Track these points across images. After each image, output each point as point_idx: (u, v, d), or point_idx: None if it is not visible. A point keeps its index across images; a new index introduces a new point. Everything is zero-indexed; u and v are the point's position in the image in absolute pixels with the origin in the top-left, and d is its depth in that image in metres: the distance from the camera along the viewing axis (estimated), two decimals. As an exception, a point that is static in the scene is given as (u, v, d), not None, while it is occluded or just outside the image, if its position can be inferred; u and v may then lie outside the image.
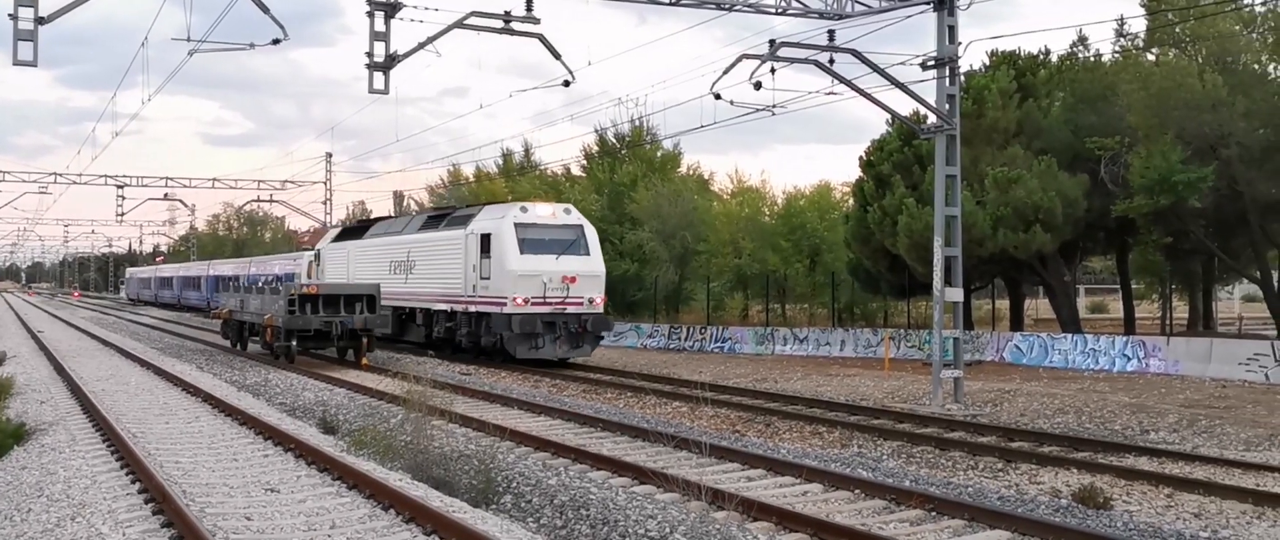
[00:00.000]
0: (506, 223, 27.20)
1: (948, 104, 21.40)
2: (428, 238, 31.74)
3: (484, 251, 27.47)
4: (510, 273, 26.56)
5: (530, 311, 26.52)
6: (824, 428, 16.41)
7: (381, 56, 18.94)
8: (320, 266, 40.07)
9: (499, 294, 26.77)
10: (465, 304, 28.47)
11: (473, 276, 27.94)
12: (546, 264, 26.84)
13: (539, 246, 27.14)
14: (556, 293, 26.82)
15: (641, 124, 49.97)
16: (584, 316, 27.23)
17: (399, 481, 10.77)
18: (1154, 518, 10.67)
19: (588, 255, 27.84)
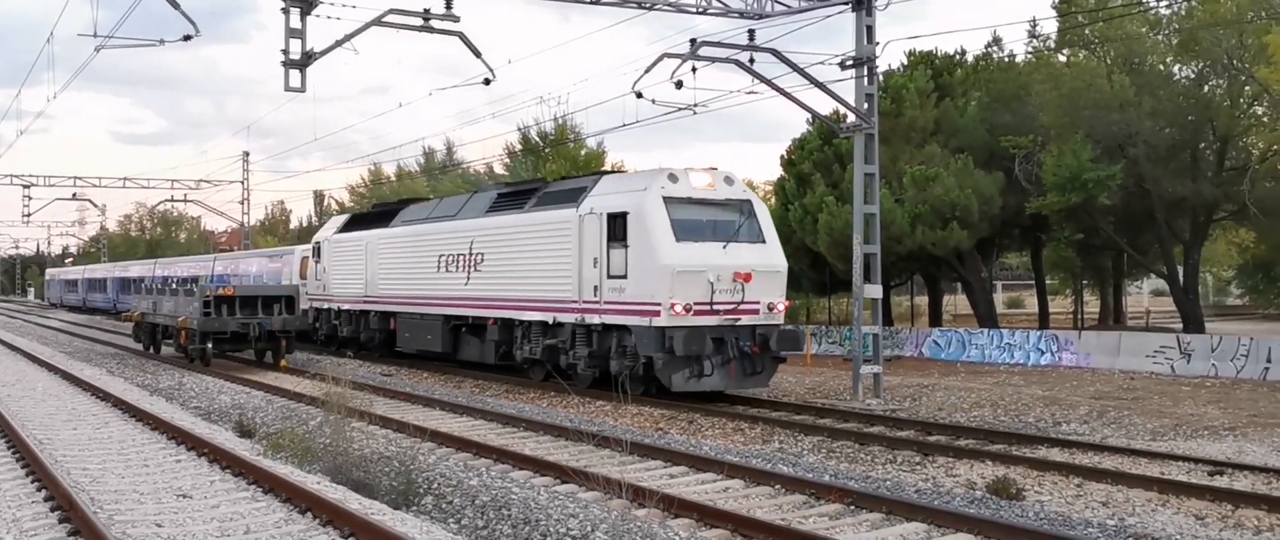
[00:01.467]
0: (652, 197, 19.13)
1: (866, 103, 21.69)
2: (507, 223, 23.32)
3: (615, 238, 19.51)
4: (665, 269, 18.45)
5: (695, 323, 18.40)
6: (746, 424, 16.52)
7: (298, 54, 18.62)
8: (320, 263, 32.52)
9: (645, 298, 18.76)
10: (581, 312, 20.25)
11: (592, 274, 19.93)
12: (712, 255, 18.93)
13: (699, 230, 19.26)
14: (727, 296, 18.89)
15: (565, 122, 49.85)
16: (764, 329, 19.13)
17: (317, 484, 10.61)
18: (1064, 507, 10.93)
19: (764, 243, 19.83)
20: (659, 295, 18.45)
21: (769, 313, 19.18)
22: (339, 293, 31.12)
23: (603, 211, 19.79)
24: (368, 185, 61.63)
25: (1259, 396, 19.59)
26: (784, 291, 19.87)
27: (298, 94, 19.37)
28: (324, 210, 74.62)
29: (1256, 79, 27.37)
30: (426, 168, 59.98)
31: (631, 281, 19.03)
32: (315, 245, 33.39)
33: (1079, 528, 9.91)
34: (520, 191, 24.30)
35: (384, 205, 33.58)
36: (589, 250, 19.95)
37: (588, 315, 20.01)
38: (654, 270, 18.60)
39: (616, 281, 19.36)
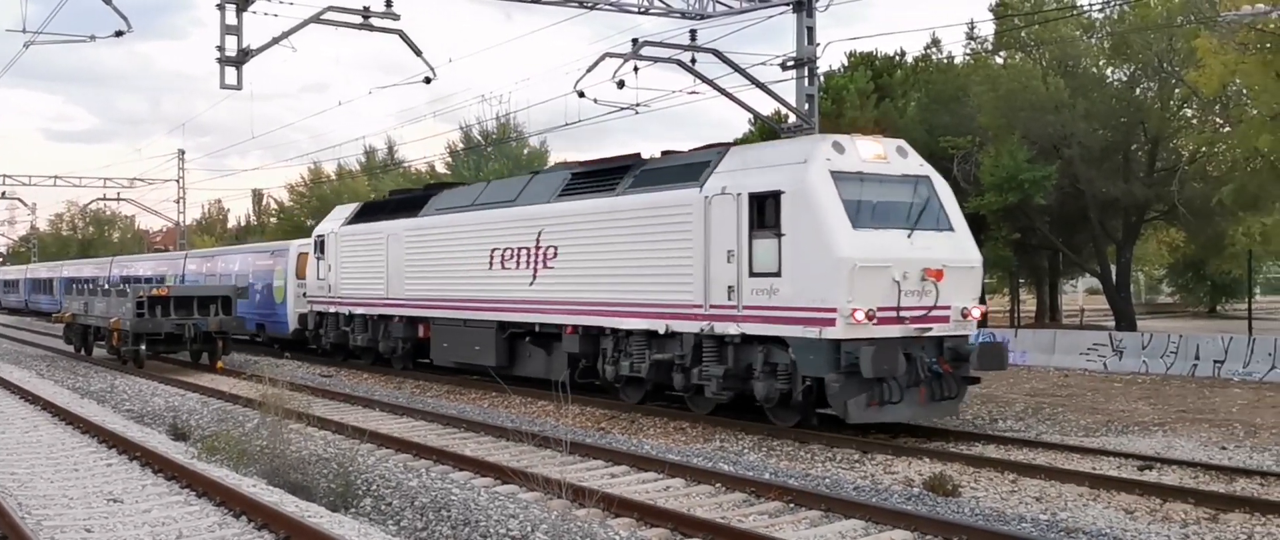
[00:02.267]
0: (816, 172, 14.74)
1: (807, 104, 21.89)
2: (591, 208, 18.64)
3: (761, 225, 15.14)
4: (841, 264, 14.16)
5: (884, 335, 14.30)
6: (687, 424, 16.57)
7: (234, 51, 18.41)
8: (324, 260, 27.86)
9: (810, 302, 14.41)
10: (708, 319, 15.89)
11: (725, 272, 15.57)
12: (896, 246, 14.78)
13: (878, 214, 15.00)
14: (915, 299, 14.66)
15: (507, 121, 49.69)
16: (954, 341, 15.15)
17: (253, 487, 10.46)
18: (999, 503, 11.10)
19: (952, 231, 15.64)
20: (833, 298, 14.12)
21: (961, 320, 15.13)
22: (350, 294, 26.68)
23: (741, 191, 15.37)
24: (308, 184, 60.84)
25: (1187, 393, 20.04)
26: (980, 293, 15.97)
27: (235, 92, 19.12)
28: (262, 209, 73.58)
29: (1186, 82, 28.02)
30: (367, 167, 59.38)
31: (788, 281, 14.70)
32: (318, 239, 28.36)
33: (1013, 523, 10.08)
34: (606, 170, 19.21)
35: (407, 192, 29.29)
36: (720, 241, 15.69)
37: (719, 323, 15.74)
38: (824, 266, 14.27)
39: (763, 281, 15.04)
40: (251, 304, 31.49)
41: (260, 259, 33.45)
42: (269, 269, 32.24)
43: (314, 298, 28.50)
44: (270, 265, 32.27)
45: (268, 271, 32.21)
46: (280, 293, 31.15)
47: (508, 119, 50.04)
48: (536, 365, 20.39)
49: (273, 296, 31.61)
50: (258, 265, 33.33)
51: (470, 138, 52.69)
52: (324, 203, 57.08)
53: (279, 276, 31.31)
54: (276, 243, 35.99)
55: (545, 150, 52.75)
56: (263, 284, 32.13)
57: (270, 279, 31.86)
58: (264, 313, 32.08)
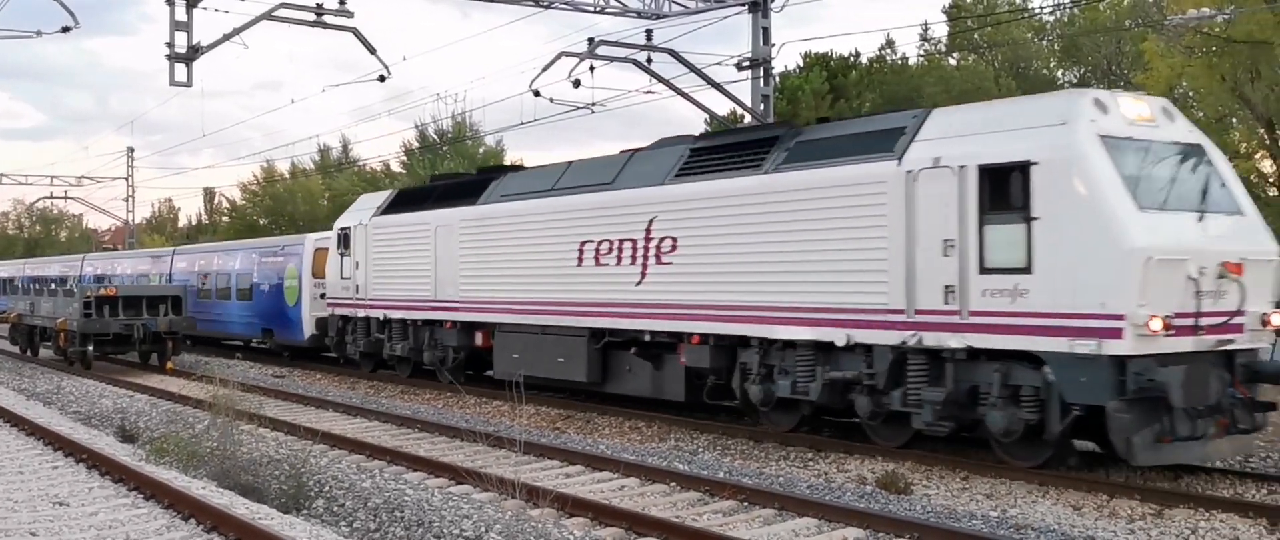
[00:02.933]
0: (1082, 136, 11.53)
1: (762, 104, 21.97)
2: (727, 190, 15.19)
3: (999, 205, 11.89)
4: (1132, 255, 10.99)
5: (1181, 349, 11.14)
6: (643, 423, 16.58)
7: (184, 47, 18.19)
8: (350, 256, 23.86)
9: (1083, 308, 11.16)
10: (915, 328, 12.64)
11: (941, 267, 12.35)
12: (1188, 233, 11.61)
13: (1161, 192, 11.80)
14: (1212, 303, 11.42)
15: (463, 120, 49.47)
16: (1248, 357, 11.92)
17: (202, 490, 10.33)
18: (950, 500, 11.22)
19: (1241, 213, 12.40)
20: (1118, 301, 10.89)
21: (1261, 329, 11.79)
22: (386, 295, 22.59)
23: (965, 163, 12.08)
24: (261, 183, 60.18)
25: None
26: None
27: (185, 89, 18.89)
28: (214, 208, 72.68)
29: (1134, 85, 28.46)
30: (322, 165, 58.84)
31: (1043, 279, 11.43)
32: (341, 233, 24.27)
33: (963, 520, 10.19)
34: (746, 142, 15.62)
35: (457, 176, 25.04)
36: (932, 227, 12.38)
37: (931, 334, 12.41)
38: (1105, 259, 11.05)
39: (1002, 279, 11.76)
40: (255, 306, 29.36)
41: (268, 256, 29.45)
42: (278, 267, 28.44)
43: (336, 300, 24.49)
44: (280, 263, 28.39)
45: (277, 270, 28.44)
46: (293, 294, 27.47)
47: (464, 118, 49.84)
48: (640, 382, 16.82)
49: (283, 298, 28.02)
50: (264, 263, 29.42)
51: (426, 136, 52.39)
52: (277, 202, 56.55)
53: (291, 275, 27.62)
54: (288, 238, 31.86)
55: (501, 149, 52.59)
56: (270, 284, 28.53)
57: (280, 278, 28.12)
58: (272, 316, 28.61)
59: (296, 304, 27.30)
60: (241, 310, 30.56)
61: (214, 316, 31.89)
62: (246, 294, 27.97)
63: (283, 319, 28.08)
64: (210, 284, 32.76)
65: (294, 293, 27.39)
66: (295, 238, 29.96)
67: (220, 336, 32.40)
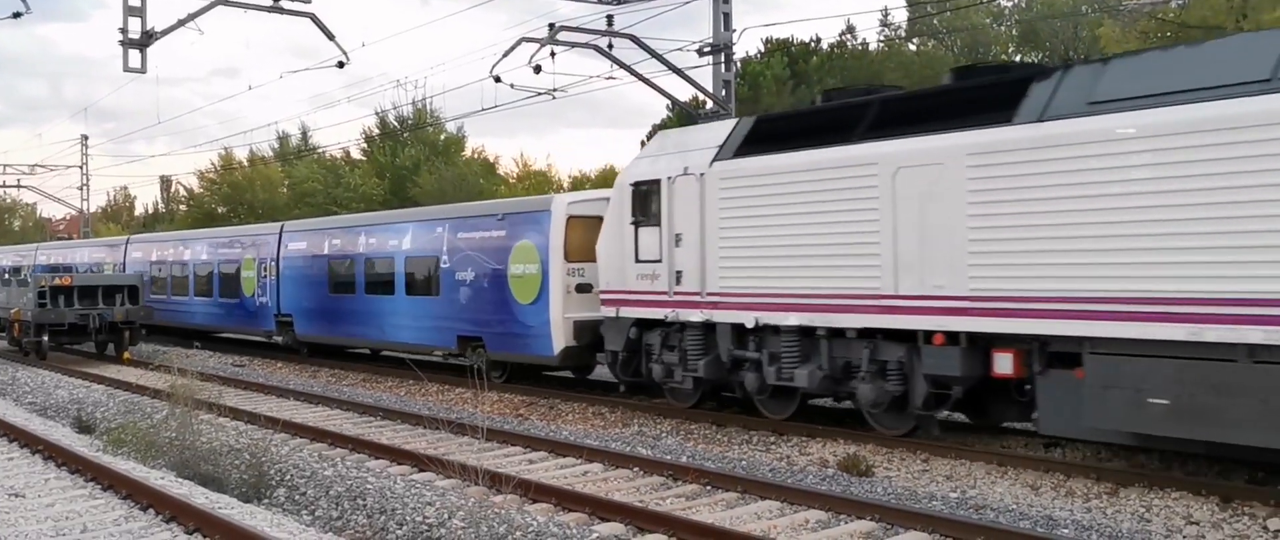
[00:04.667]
0: None
1: (724, 90, 22.01)
2: None
3: None
4: None
5: None
6: (606, 409, 16.59)
7: (137, 33, 17.93)
8: (659, 225, 15.53)
9: None
10: None
11: None
12: None
13: None
14: None
15: (424, 106, 49.17)
16: None
17: (160, 480, 10.25)
18: (910, 481, 11.33)
19: None
20: None
21: None
22: (755, 286, 14.22)
23: None
24: (219, 171, 59.51)
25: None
26: None
27: (139, 75, 18.64)
28: (171, 197, 71.81)
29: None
30: (281, 153, 58.26)
31: None
32: (639, 189, 15.80)
33: (923, 501, 10.30)
34: None
35: (929, 91, 15.02)
36: None
37: None
38: None
39: None
40: (448, 306, 19.89)
41: (472, 229, 19.78)
42: (496, 246, 18.99)
43: (623, 295, 16.02)
44: (500, 240, 18.94)
45: (494, 249, 19.01)
46: (528, 286, 18.13)
47: (424, 104, 49.52)
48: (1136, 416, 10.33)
49: (507, 292, 18.55)
50: (466, 240, 19.79)
51: (386, 123, 51.98)
52: (236, 190, 55.94)
53: (525, 258, 18.27)
54: (520, 200, 22.38)
55: (462, 135, 52.34)
56: (483, 271, 19.20)
57: (499, 264, 18.81)
58: (484, 319, 19.22)
59: (536, 301, 17.84)
60: (420, 312, 20.84)
61: (353, 318, 22.76)
62: (427, 286, 20.15)
63: (507, 324, 18.59)
64: (345, 271, 23.17)
65: (532, 285, 17.95)
66: (533, 200, 20.68)
67: (365, 346, 24.09)
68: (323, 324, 24.03)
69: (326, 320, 23.86)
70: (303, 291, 24.69)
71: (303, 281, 24.69)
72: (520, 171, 49.75)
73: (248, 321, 27.28)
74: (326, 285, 23.71)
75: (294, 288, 25.00)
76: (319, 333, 24.34)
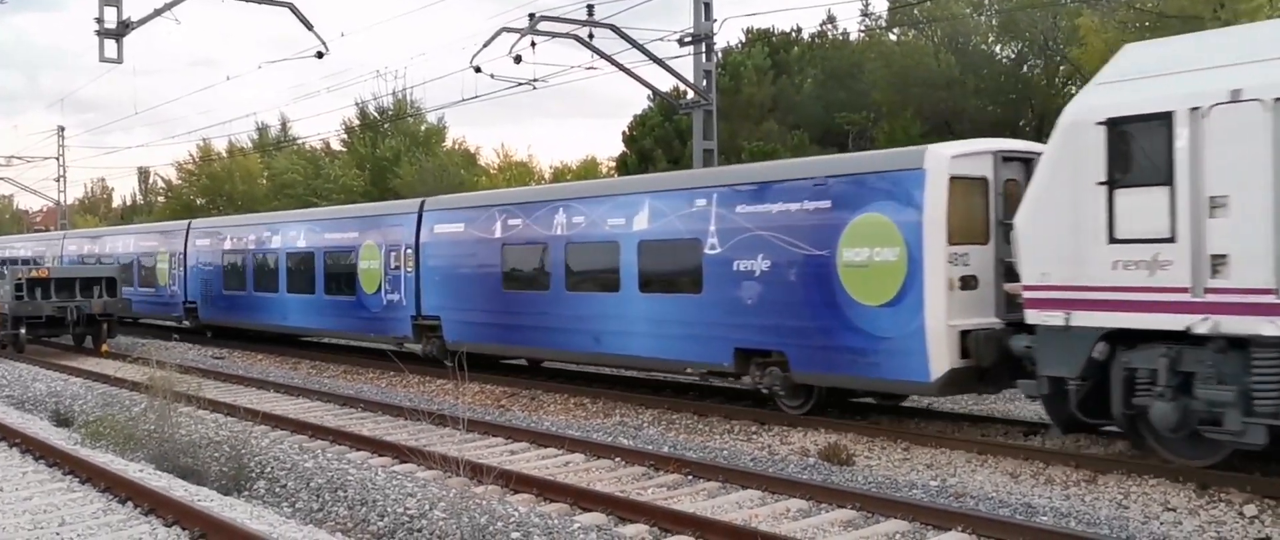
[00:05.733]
0: None
1: (705, 80, 21.98)
2: None
3: None
4: None
5: None
6: (588, 399, 16.59)
7: (113, 23, 17.77)
8: (1174, 183, 9.97)
9: None
10: None
11: None
12: None
13: None
14: None
15: (404, 97, 48.91)
16: None
17: (139, 472, 10.18)
18: (891, 470, 11.37)
19: None
20: None
21: None
22: None
23: None
24: (197, 162, 59.11)
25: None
26: None
27: (116, 66, 18.50)
28: (149, 188, 71.29)
29: (1069, 60, 28.85)
30: (260, 144, 57.90)
31: None
32: (1121, 128, 10.42)
33: (903, 489, 10.34)
34: None
35: None
36: None
37: None
38: None
39: None
40: (724, 302, 14.63)
41: (766, 196, 14.30)
42: (818, 222, 13.60)
43: (1074, 292, 10.89)
44: (824, 214, 13.54)
45: (812, 228, 13.63)
46: (878, 280, 12.92)
47: (404, 95, 49.24)
48: None
49: (836, 288, 13.32)
50: (757, 213, 14.34)
51: (366, 114, 51.69)
52: (215, 181, 55.58)
53: (873, 238, 13.03)
54: (859, 156, 15.15)
55: (443, 126, 52.09)
56: (779, 258, 13.96)
57: (823, 246, 13.49)
58: (794, 324, 13.81)
59: (895, 301, 12.69)
60: (667, 315, 15.43)
61: (545, 322, 17.51)
62: (680, 281, 15.14)
63: (832, 333, 13.32)
64: (531, 260, 17.97)
65: (881, 278, 12.82)
66: (890, 155, 14.05)
67: (566, 359, 18.63)
68: (491, 329, 18.56)
69: (497, 326, 18.38)
70: (457, 287, 19.28)
71: (456, 274, 19.33)
72: (501, 162, 49.59)
73: (368, 325, 21.70)
74: (498, 279, 18.26)
75: (443, 282, 19.66)
76: (485, 340, 18.63)
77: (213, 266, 27.54)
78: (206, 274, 27.61)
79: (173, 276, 29.08)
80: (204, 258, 28.23)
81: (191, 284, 28.17)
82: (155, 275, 29.89)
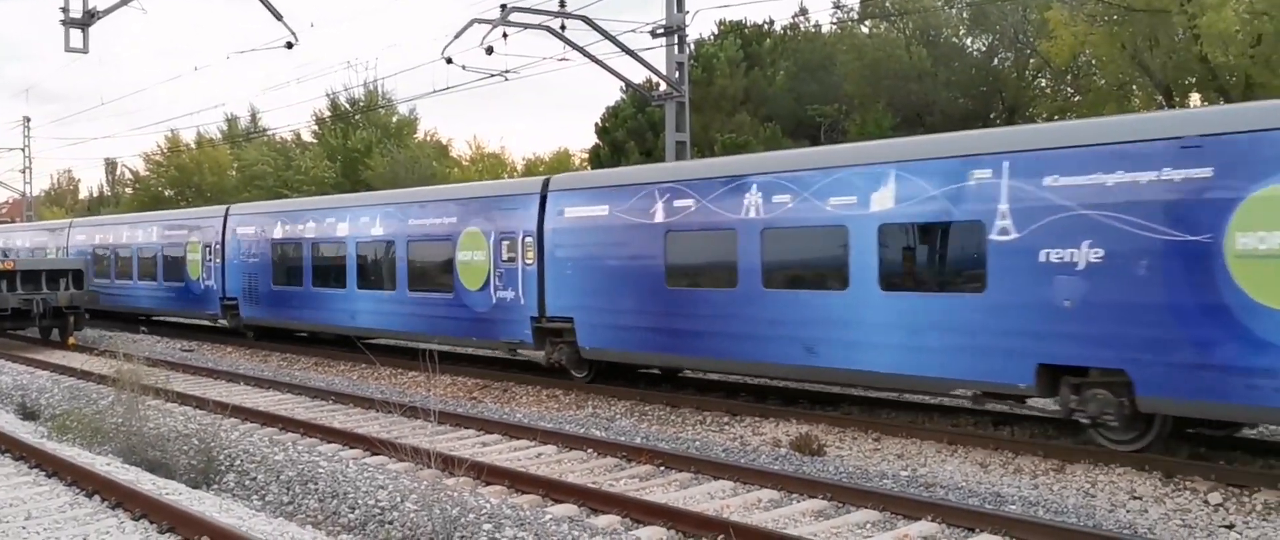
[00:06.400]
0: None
1: (677, 72, 21.96)
2: None
3: None
4: None
5: None
6: (560, 391, 16.57)
7: (79, 12, 17.55)
8: None
9: None
10: None
11: None
12: None
13: None
14: None
15: (375, 88, 48.65)
16: None
17: (107, 466, 10.09)
18: (862, 460, 11.43)
19: None
20: None
21: None
22: None
23: None
24: (165, 153, 58.56)
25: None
26: None
27: (82, 56, 18.29)
28: (117, 180, 70.60)
29: (1039, 53, 29.04)
30: (229, 135, 57.43)
31: None
32: None
33: (874, 479, 10.40)
34: None
35: None
36: None
37: None
38: None
39: None
40: (1026, 303, 11.34)
41: (1089, 164, 10.94)
42: (1184, 198, 10.26)
43: None
44: (1198, 185, 10.16)
45: (1171, 206, 10.31)
46: None
47: (376, 86, 48.99)
48: None
49: (1220, 286, 10.02)
50: (1077, 186, 10.99)
51: (337, 105, 51.37)
52: (183, 172, 55.12)
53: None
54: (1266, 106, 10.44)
55: (415, 117, 51.86)
56: (1120, 246, 10.67)
57: (1199, 230, 10.17)
58: (1148, 332, 10.49)
59: None
60: (933, 319, 12.15)
61: (725, 325, 14.40)
62: (959, 275, 12.10)
63: (1214, 347, 10.10)
64: (706, 250, 14.92)
65: None
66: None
67: (747, 372, 15.22)
68: (646, 335, 15.58)
69: (654, 330, 15.41)
70: (598, 282, 16.18)
71: (598, 267, 16.23)
72: (473, 154, 49.42)
73: (471, 327, 18.43)
74: (660, 274, 15.26)
75: (575, 276, 16.57)
76: (637, 348, 15.82)
77: (259, 258, 24.27)
78: (251, 267, 24.34)
79: (207, 269, 25.85)
80: (248, 248, 24.81)
81: (231, 278, 25.00)
82: (185, 268, 26.84)
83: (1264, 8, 20.10)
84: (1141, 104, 25.53)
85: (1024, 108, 32.34)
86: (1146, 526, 8.99)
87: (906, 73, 29.97)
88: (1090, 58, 26.94)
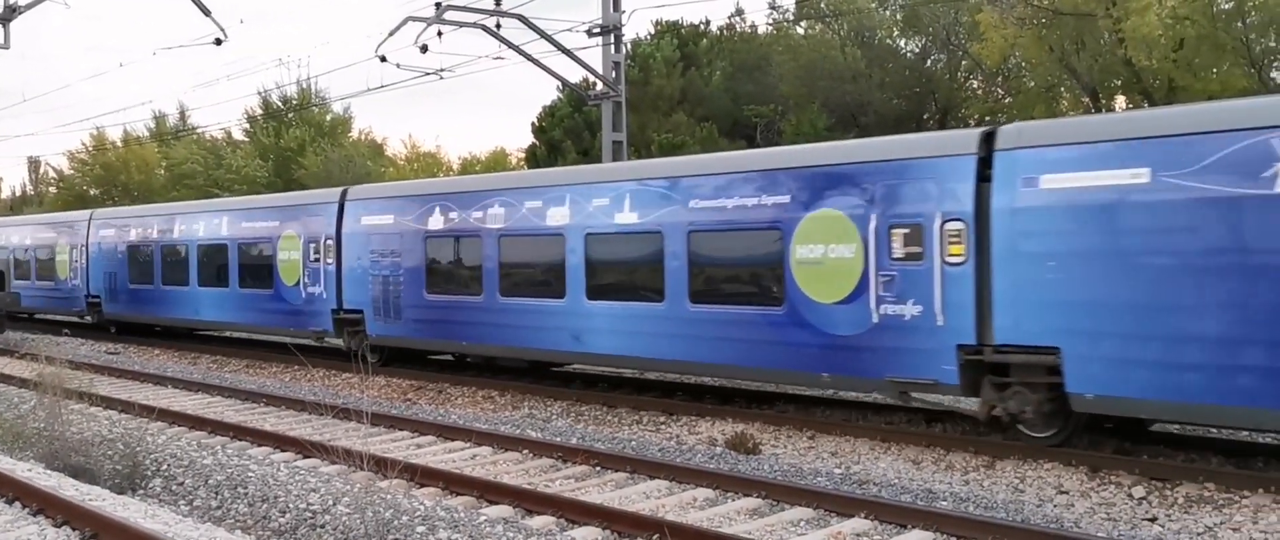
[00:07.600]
0: None
1: (614, 71, 21.97)
2: None
3: None
4: None
5: None
6: (496, 392, 16.48)
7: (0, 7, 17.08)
8: None
9: None
10: None
11: None
12: None
13: None
14: None
15: (308, 86, 48.00)
16: None
17: (27, 472, 9.83)
18: (797, 458, 11.51)
19: None
20: None
21: None
22: None
23: None
24: (91, 151, 57.22)
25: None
26: None
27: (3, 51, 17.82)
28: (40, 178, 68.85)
29: (971, 55, 29.49)
30: (157, 133, 56.27)
31: None
32: None
33: (808, 477, 10.48)
34: None
35: None
36: None
37: None
38: None
39: None
40: None
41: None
42: None
43: None
44: None
45: None
46: None
47: (309, 84, 48.33)
48: None
49: None
50: None
51: (269, 103, 50.57)
52: (109, 171, 53.90)
53: None
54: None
55: (349, 116, 51.22)
56: None
57: None
58: None
59: None
60: None
61: None
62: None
63: None
64: None
65: None
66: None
67: None
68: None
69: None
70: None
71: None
72: (409, 153, 48.95)
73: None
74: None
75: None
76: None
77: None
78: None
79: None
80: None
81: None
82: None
83: (1186, 13, 20.58)
84: (1069, 106, 26.04)
85: (956, 109, 32.83)
86: (1073, 520, 9.16)
87: (841, 73, 30.27)
88: (1020, 60, 27.41)
